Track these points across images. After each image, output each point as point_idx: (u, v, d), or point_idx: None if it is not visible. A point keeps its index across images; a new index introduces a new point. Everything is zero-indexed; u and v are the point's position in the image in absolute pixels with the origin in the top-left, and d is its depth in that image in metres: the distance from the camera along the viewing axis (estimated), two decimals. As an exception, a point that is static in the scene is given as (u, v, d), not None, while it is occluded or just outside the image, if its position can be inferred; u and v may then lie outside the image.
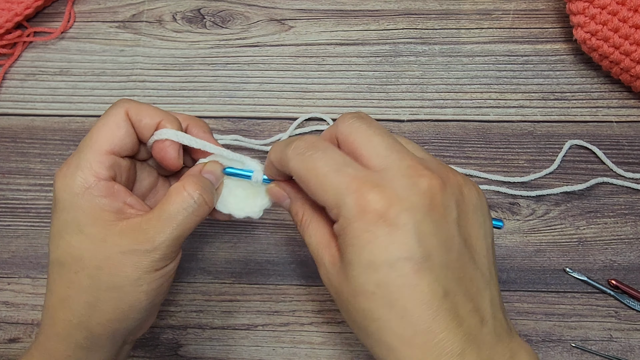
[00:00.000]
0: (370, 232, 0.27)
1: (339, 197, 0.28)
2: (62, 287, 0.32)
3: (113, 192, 0.32)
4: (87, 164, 0.32)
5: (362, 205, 0.27)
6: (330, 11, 0.51)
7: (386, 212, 0.27)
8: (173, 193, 0.32)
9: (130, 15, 0.51)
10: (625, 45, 0.43)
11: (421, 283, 0.27)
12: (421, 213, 0.27)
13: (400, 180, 0.28)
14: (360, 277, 0.27)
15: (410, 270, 0.27)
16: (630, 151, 0.47)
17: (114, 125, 0.33)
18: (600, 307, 0.44)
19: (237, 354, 0.44)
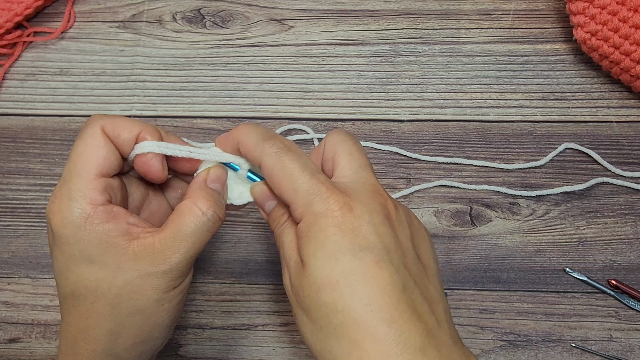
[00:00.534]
0: (335, 226, 0.29)
1: (309, 197, 0.30)
2: (80, 318, 0.32)
3: (114, 216, 0.31)
4: (80, 193, 0.30)
5: (330, 204, 0.29)
6: (330, 11, 0.51)
7: (351, 211, 0.29)
8: (186, 212, 0.32)
9: (130, 15, 0.51)
10: (625, 45, 0.43)
11: (382, 273, 0.28)
12: (380, 217, 0.30)
13: (363, 193, 0.30)
14: (325, 268, 0.28)
15: (371, 261, 0.28)
16: (630, 151, 0.47)
17: (94, 146, 0.31)
18: (600, 307, 0.44)
19: (237, 354, 0.44)
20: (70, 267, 0.31)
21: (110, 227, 0.31)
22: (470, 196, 0.47)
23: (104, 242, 0.30)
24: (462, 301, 0.45)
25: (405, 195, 0.47)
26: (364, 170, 0.32)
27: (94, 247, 0.30)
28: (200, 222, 0.32)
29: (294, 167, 0.31)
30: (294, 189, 0.30)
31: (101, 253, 0.30)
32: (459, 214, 0.46)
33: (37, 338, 0.45)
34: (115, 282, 0.31)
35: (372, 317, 0.27)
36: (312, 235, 0.29)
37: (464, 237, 0.46)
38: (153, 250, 0.31)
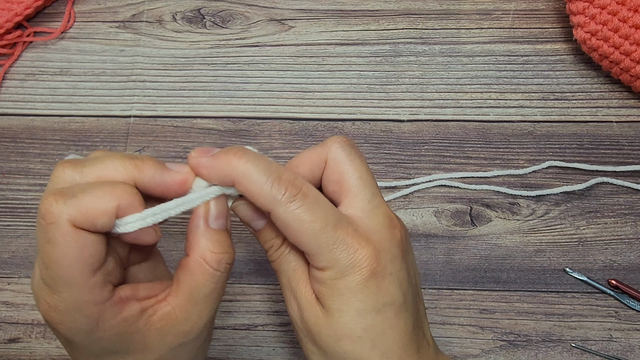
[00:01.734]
0: (362, 284, 0.29)
1: (335, 252, 0.29)
2: None
3: (123, 301, 0.27)
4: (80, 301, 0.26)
5: (356, 260, 0.29)
6: (330, 11, 0.51)
7: (376, 266, 0.29)
8: (197, 271, 0.28)
9: (130, 15, 0.51)
10: (625, 45, 0.43)
11: (399, 323, 0.30)
12: (399, 262, 0.30)
13: (383, 232, 0.30)
14: (350, 324, 0.29)
15: (392, 314, 0.30)
16: (630, 151, 0.47)
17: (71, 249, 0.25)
18: (600, 307, 0.44)
19: (237, 354, 0.44)
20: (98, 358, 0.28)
21: (125, 316, 0.27)
22: (470, 196, 0.47)
23: (124, 333, 0.27)
24: (462, 301, 0.45)
25: (405, 195, 0.47)
26: (376, 196, 0.31)
27: (114, 342, 0.27)
28: (215, 279, 0.29)
29: (316, 220, 0.28)
30: (317, 243, 0.28)
31: (123, 342, 0.28)
32: (459, 214, 0.46)
33: (37, 338, 0.45)
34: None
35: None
36: (338, 292, 0.29)
37: (464, 237, 0.46)
38: (177, 321, 0.28)
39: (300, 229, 0.28)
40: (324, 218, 0.29)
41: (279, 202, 0.28)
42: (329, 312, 0.30)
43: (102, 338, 0.27)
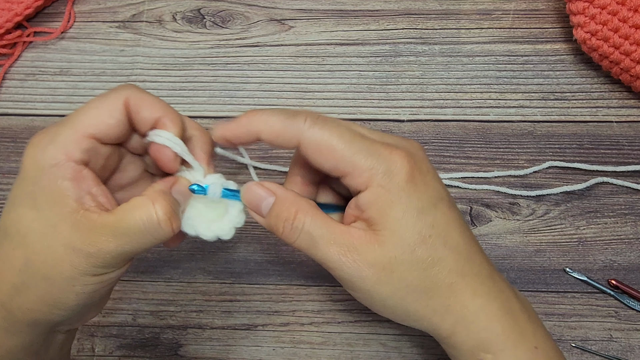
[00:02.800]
0: (410, 183, 0.30)
1: (373, 157, 0.30)
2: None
3: (79, 177, 0.29)
4: (62, 140, 0.29)
5: (396, 162, 0.30)
6: (330, 11, 0.51)
7: (414, 165, 0.31)
8: (138, 207, 0.29)
9: (130, 15, 0.51)
10: (625, 45, 0.43)
11: (454, 216, 0.32)
12: (428, 163, 0.32)
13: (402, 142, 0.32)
14: (417, 225, 0.30)
15: (446, 207, 0.31)
16: (630, 151, 0.47)
17: (106, 112, 0.30)
18: (600, 307, 0.44)
19: (237, 354, 0.44)
20: (16, 202, 0.29)
21: (68, 185, 0.29)
22: (470, 196, 0.47)
23: (55, 196, 0.29)
24: (462, 301, 0.45)
25: (405, 195, 0.47)
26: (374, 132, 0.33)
27: (44, 194, 0.29)
28: (149, 222, 0.29)
29: (342, 134, 0.30)
30: (350, 156, 0.30)
31: (47, 204, 0.29)
32: (459, 214, 0.46)
33: (37, 338, 0.45)
34: (41, 239, 0.29)
35: (460, 259, 0.31)
36: (392, 199, 0.30)
37: (464, 237, 0.46)
38: (91, 229, 0.29)
39: (333, 144, 0.30)
40: (350, 133, 0.30)
41: (304, 128, 0.30)
42: (390, 229, 0.30)
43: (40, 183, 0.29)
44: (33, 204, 0.29)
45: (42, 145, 0.29)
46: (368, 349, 0.44)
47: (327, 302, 0.45)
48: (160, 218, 0.29)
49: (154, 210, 0.29)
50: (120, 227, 0.29)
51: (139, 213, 0.29)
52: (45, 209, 0.29)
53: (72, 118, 0.30)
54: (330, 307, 0.45)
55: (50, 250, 0.29)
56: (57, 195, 0.29)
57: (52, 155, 0.29)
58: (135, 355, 0.44)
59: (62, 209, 0.29)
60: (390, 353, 0.44)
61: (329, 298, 0.45)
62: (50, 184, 0.29)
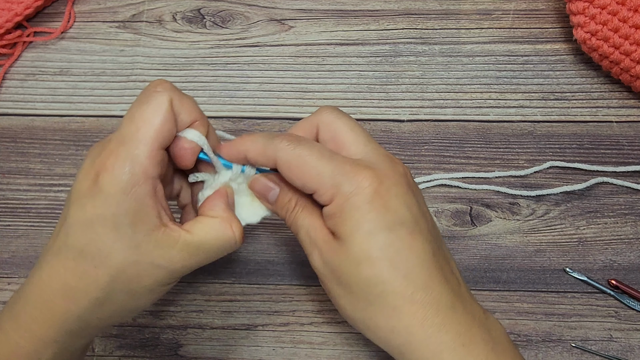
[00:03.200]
0: (368, 204, 0.30)
1: (336, 178, 0.31)
2: (73, 276, 0.30)
3: (157, 194, 0.30)
4: (138, 160, 0.29)
5: (358, 182, 0.31)
6: (330, 11, 0.51)
7: (379, 186, 0.31)
8: (220, 229, 0.32)
9: (130, 15, 0.51)
10: (625, 45, 0.43)
11: (415, 244, 0.31)
12: (404, 188, 0.32)
13: (383, 164, 0.32)
14: (364, 244, 0.30)
15: (405, 234, 0.31)
16: (630, 151, 0.47)
17: (162, 116, 0.30)
18: (600, 307, 0.44)
19: (237, 354, 0.44)
20: (94, 223, 0.30)
21: (150, 203, 0.30)
22: (470, 196, 0.47)
23: (138, 216, 0.30)
24: (462, 301, 0.45)
25: (405, 195, 0.47)
26: (371, 142, 0.33)
27: (126, 215, 0.29)
28: (229, 243, 0.33)
29: (312, 154, 0.31)
30: (317, 174, 0.31)
31: (130, 224, 0.30)
32: (459, 214, 0.46)
33: (37, 338, 0.45)
34: (127, 258, 0.30)
35: (410, 286, 0.30)
36: (347, 215, 0.31)
37: (464, 237, 0.46)
38: (174, 247, 0.31)
39: (301, 165, 0.31)
40: (319, 152, 0.32)
41: (278, 148, 0.32)
42: (343, 241, 0.31)
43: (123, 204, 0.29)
44: (114, 226, 0.29)
45: (118, 166, 0.29)
46: (368, 349, 0.44)
47: (327, 302, 0.45)
48: (237, 239, 0.33)
49: (232, 233, 0.33)
50: (203, 247, 0.32)
51: (220, 235, 0.32)
52: (127, 229, 0.30)
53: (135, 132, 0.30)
54: (330, 307, 0.45)
55: (135, 268, 0.30)
56: (140, 215, 0.30)
57: (132, 176, 0.29)
58: (135, 355, 0.44)
59: (145, 228, 0.30)
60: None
61: (329, 298, 0.45)
62: (134, 205, 0.29)
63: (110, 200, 0.29)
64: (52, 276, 0.31)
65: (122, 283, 0.31)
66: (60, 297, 0.31)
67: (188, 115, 0.32)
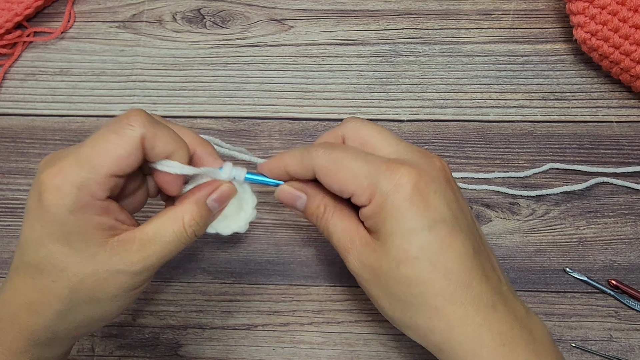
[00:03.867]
0: (408, 202, 0.30)
1: (372, 178, 0.31)
2: (33, 291, 0.31)
3: (107, 211, 0.31)
4: (87, 184, 0.29)
5: (396, 180, 0.30)
6: (330, 11, 0.51)
7: (418, 183, 0.30)
8: (170, 219, 0.32)
9: (130, 15, 0.51)
10: (625, 45, 0.43)
11: (456, 242, 0.30)
12: (442, 184, 0.31)
13: (418, 160, 0.32)
14: (403, 244, 0.30)
15: (445, 232, 0.30)
16: (630, 151, 0.47)
17: (125, 150, 0.30)
18: (600, 307, 0.44)
19: (237, 354, 0.44)
20: (45, 241, 0.30)
21: (99, 220, 0.30)
22: (470, 196, 0.47)
23: (88, 232, 0.30)
24: (462, 301, 0.45)
25: (405, 195, 0.47)
26: (401, 141, 0.33)
27: (76, 232, 0.30)
28: (180, 234, 0.32)
29: (347, 156, 0.32)
30: (354, 176, 0.31)
31: (81, 240, 0.30)
32: (459, 214, 0.46)
33: (37, 338, 0.45)
34: (83, 269, 0.30)
35: (450, 285, 0.30)
36: (387, 214, 0.30)
37: (464, 237, 0.46)
38: (130, 250, 0.31)
39: (337, 169, 0.32)
40: (354, 154, 0.32)
41: (314, 157, 0.32)
42: (382, 240, 0.31)
43: (70, 222, 0.29)
44: (65, 241, 0.30)
45: (65, 188, 0.29)
46: (368, 349, 0.44)
47: (327, 302, 0.45)
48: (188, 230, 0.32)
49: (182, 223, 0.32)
50: (158, 242, 0.31)
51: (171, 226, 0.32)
52: (79, 243, 0.30)
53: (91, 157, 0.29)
54: (330, 307, 0.45)
55: (94, 277, 0.30)
56: (90, 231, 0.30)
57: (78, 199, 0.29)
58: (135, 355, 0.44)
59: (96, 240, 0.30)
60: (390, 353, 0.44)
61: (329, 298, 0.45)
62: (81, 223, 0.30)
63: (57, 219, 0.29)
64: (15, 292, 0.32)
65: (83, 293, 0.31)
66: (25, 311, 0.31)
67: (163, 148, 0.31)
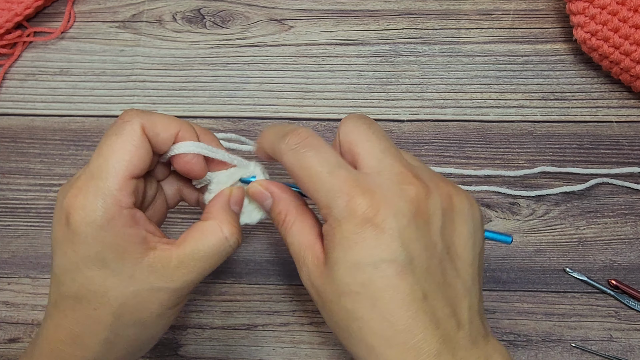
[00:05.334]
0: (357, 234, 0.28)
1: (330, 198, 0.28)
2: (76, 323, 0.30)
3: (136, 221, 0.30)
4: (110, 193, 0.29)
5: (352, 208, 0.28)
6: (330, 11, 0.51)
7: (374, 216, 0.28)
8: (210, 233, 0.31)
9: (130, 15, 0.51)
10: (625, 45, 0.43)
11: (402, 285, 0.28)
12: (406, 219, 0.28)
13: (390, 186, 0.29)
14: (346, 277, 0.28)
15: (393, 273, 0.28)
16: (630, 151, 0.47)
17: (132, 146, 0.29)
18: (600, 307, 0.44)
19: (237, 354, 0.44)
20: (80, 267, 0.29)
21: (131, 232, 0.29)
22: (470, 196, 0.47)
23: (122, 248, 0.29)
24: (462, 301, 0.45)
25: (405, 195, 0.47)
26: (386, 155, 0.30)
27: (110, 250, 0.29)
28: (223, 246, 0.31)
29: (312, 164, 0.29)
30: (315, 189, 0.29)
31: (116, 258, 0.29)
32: (459, 214, 0.46)
33: (37, 338, 0.45)
34: (124, 291, 0.29)
35: (389, 328, 0.28)
36: (336, 242, 0.28)
37: (464, 237, 0.46)
38: (169, 266, 0.30)
39: (301, 174, 0.29)
40: (321, 163, 0.29)
41: (282, 150, 0.30)
42: (329, 266, 0.29)
43: (103, 240, 0.29)
44: (101, 264, 0.29)
45: (89, 204, 0.28)
46: (368, 349, 0.44)
47: (327, 302, 0.45)
48: (230, 240, 0.31)
49: (223, 234, 0.31)
50: (197, 256, 0.30)
51: (211, 239, 0.31)
52: (115, 263, 0.29)
53: (104, 165, 0.29)
54: (330, 307, 0.45)
55: (136, 298, 0.30)
56: (124, 246, 0.29)
57: (105, 210, 0.28)
58: (135, 355, 0.44)
59: (133, 257, 0.29)
60: (390, 353, 0.44)
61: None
62: (114, 238, 0.29)
63: (89, 240, 0.29)
64: (56, 327, 0.30)
65: (127, 317, 0.30)
66: (69, 346, 0.30)
67: (167, 131, 0.31)
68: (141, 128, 0.30)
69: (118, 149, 0.29)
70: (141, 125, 0.30)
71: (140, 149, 0.30)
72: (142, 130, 0.30)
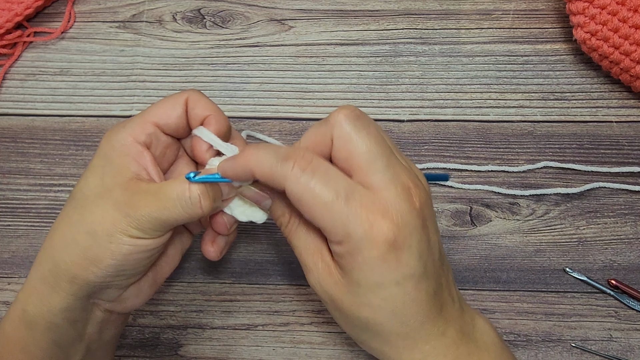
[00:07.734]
0: (380, 259, 0.29)
1: (348, 227, 0.29)
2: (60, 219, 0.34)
3: (140, 157, 0.34)
4: (130, 126, 0.34)
5: (372, 235, 0.29)
6: (330, 11, 0.51)
7: (395, 239, 0.29)
8: (178, 180, 0.32)
9: (130, 15, 0.51)
10: (625, 45, 0.43)
11: (419, 295, 0.30)
12: (419, 233, 0.30)
13: (400, 204, 0.30)
14: (368, 294, 0.30)
15: (411, 286, 0.30)
16: (630, 151, 0.47)
17: (169, 105, 0.35)
18: (600, 307, 0.44)
19: (237, 354, 0.44)
20: (87, 174, 0.34)
21: (130, 161, 0.33)
22: (470, 196, 0.47)
23: (118, 169, 0.33)
24: (462, 301, 0.45)
25: (405, 195, 0.46)
26: (390, 167, 0.30)
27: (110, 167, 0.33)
28: (180, 197, 0.32)
29: (324, 193, 0.29)
30: (330, 217, 0.29)
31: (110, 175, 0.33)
32: (459, 214, 0.46)
33: (37, 338, 0.45)
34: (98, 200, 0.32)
35: (406, 327, 0.31)
36: (356, 265, 0.30)
37: (464, 237, 0.46)
38: (135, 193, 0.32)
39: (312, 203, 0.29)
40: (334, 190, 0.29)
41: (288, 177, 0.29)
42: (348, 283, 0.31)
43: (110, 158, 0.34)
44: (100, 175, 0.33)
45: (116, 130, 0.34)
46: (368, 349, 0.44)
47: (327, 302, 0.45)
48: (191, 196, 0.32)
49: (187, 187, 0.32)
50: (158, 194, 0.32)
51: (175, 186, 0.32)
52: (108, 177, 0.33)
53: (142, 112, 0.35)
54: (330, 307, 0.45)
55: (100, 209, 0.32)
56: (120, 167, 0.33)
57: (122, 137, 0.34)
58: (135, 355, 0.44)
59: (121, 177, 0.33)
60: (390, 353, 0.44)
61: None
62: (117, 159, 0.33)
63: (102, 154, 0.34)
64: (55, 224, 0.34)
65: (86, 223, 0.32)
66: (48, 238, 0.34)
67: (201, 110, 0.35)
68: (185, 98, 0.35)
69: (157, 104, 0.35)
70: (186, 97, 0.35)
71: (174, 110, 0.35)
72: (184, 100, 0.35)
